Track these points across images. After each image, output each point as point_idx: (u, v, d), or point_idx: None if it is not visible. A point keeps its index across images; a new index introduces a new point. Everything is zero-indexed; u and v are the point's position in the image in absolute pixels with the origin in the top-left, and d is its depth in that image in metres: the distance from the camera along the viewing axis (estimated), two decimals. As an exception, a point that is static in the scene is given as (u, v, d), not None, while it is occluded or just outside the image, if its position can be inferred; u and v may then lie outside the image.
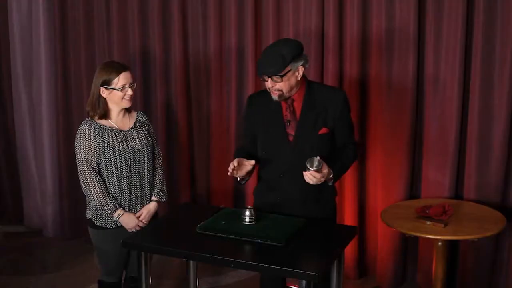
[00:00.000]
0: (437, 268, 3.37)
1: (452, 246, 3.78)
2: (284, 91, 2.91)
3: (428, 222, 3.27)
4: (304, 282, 2.50)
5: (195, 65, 4.42)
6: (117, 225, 3.19)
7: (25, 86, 5.09)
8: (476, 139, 3.67)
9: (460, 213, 3.44)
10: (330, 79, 3.93)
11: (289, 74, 2.88)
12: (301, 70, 2.91)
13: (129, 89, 3.15)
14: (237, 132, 4.36)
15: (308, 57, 2.97)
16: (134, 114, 3.30)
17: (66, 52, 4.80)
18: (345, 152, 3.05)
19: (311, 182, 2.82)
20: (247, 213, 2.87)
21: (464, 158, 3.76)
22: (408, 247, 4.05)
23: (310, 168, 2.77)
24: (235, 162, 2.88)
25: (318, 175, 2.80)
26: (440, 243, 3.30)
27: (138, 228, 3.20)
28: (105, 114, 3.18)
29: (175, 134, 4.55)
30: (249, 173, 2.99)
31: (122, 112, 3.23)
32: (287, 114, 3.00)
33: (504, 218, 3.37)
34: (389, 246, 3.99)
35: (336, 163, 2.96)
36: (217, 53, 4.31)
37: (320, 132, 2.98)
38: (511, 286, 3.72)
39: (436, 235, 3.18)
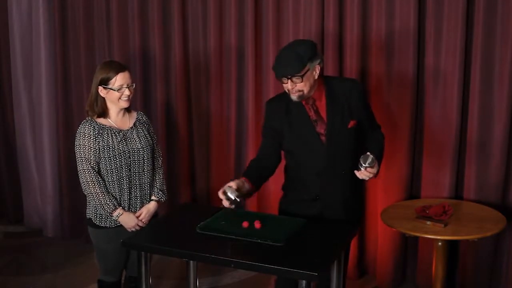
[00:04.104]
0: (437, 268, 3.37)
1: (452, 246, 3.78)
2: (305, 91, 2.89)
3: (428, 222, 3.27)
4: (304, 282, 2.50)
5: (195, 65, 4.42)
6: (116, 224, 3.19)
7: (25, 86, 5.10)
8: (476, 139, 3.67)
9: (460, 213, 3.44)
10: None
11: (308, 74, 2.85)
12: (318, 69, 2.90)
13: (126, 89, 3.14)
14: (237, 132, 4.36)
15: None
16: (134, 114, 3.31)
17: (66, 52, 4.80)
18: (376, 139, 3.08)
19: (366, 178, 2.84)
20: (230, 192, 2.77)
21: (464, 158, 3.76)
22: (408, 247, 4.05)
23: (364, 165, 2.78)
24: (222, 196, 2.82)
25: (373, 170, 2.81)
26: (440, 243, 3.30)
27: (137, 227, 3.20)
28: (104, 113, 3.18)
29: (175, 134, 4.55)
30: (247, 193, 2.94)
31: (121, 112, 3.23)
32: (312, 114, 2.99)
33: (504, 218, 3.37)
34: (389, 246, 3.99)
35: (375, 153, 2.95)
36: (217, 53, 4.31)
37: (349, 126, 2.98)
38: (511, 286, 3.71)
39: (436, 235, 3.18)
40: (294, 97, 2.91)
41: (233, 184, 2.80)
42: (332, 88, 2.99)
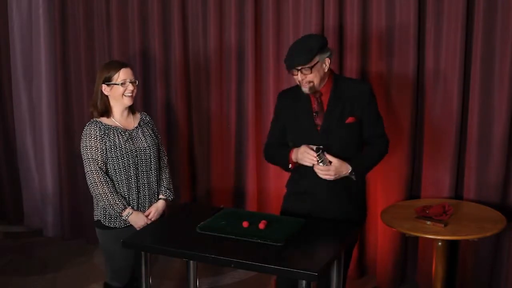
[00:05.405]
0: (437, 268, 3.37)
1: (452, 246, 3.78)
2: (315, 82, 2.95)
3: (428, 222, 3.27)
4: (304, 282, 2.50)
5: (195, 65, 4.42)
6: (126, 224, 3.18)
7: (25, 86, 5.10)
8: (476, 139, 3.67)
9: (460, 213, 3.43)
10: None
11: (318, 65, 2.93)
12: (327, 61, 2.97)
13: (130, 84, 3.16)
14: (237, 132, 4.36)
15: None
16: (138, 115, 3.32)
17: (66, 52, 4.80)
18: (371, 145, 3.07)
19: (323, 177, 2.87)
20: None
21: (464, 158, 3.76)
22: (408, 247, 4.05)
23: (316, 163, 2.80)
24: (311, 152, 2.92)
25: (323, 168, 2.82)
26: (440, 243, 3.30)
27: (147, 226, 3.19)
28: (107, 111, 3.18)
29: (175, 134, 4.55)
30: None
31: (125, 112, 3.23)
32: (315, 106, 3.04)
33: (504, 218, 3.37)
34: (389, 246, 3.98)
35: (357, 156, 2.97)
36: (217, 53, 4.31)
37: (347, 121, 3.00)
38: (511, 286, 3.72)
39: (436, 235, 3.18)
40: (305, 89, 2.98)
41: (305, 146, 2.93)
42: (340, 85, 3.05)
